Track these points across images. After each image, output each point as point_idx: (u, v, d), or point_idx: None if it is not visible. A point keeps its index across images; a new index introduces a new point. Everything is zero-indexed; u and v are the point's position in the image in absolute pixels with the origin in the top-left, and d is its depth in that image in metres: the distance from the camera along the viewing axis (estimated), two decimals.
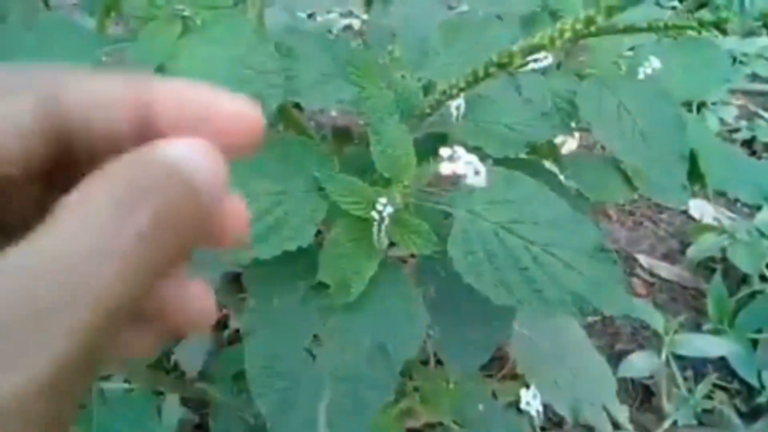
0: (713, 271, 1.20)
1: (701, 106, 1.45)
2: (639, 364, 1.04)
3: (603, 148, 1.11)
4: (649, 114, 0.59)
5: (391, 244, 0.49)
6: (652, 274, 1.24)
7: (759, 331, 1.09)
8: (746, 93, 1.53)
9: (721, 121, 1.41)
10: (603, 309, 0.48)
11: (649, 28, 0.53)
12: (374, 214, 0.46)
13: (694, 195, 1.40)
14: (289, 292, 0.50)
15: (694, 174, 0.59)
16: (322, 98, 0.55)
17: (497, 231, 0.49)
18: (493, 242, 0.49)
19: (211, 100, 0.18)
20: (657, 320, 1.05)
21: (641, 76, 0.65)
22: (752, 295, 1.15)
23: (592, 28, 0.42)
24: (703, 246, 1.19)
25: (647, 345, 1.11)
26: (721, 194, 1.35)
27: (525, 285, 0.48)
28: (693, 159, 0.59)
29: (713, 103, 1.45)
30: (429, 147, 0.51)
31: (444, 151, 0.43)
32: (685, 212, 1.33)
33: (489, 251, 0.49)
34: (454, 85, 0.50)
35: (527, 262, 0.49)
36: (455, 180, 0.42)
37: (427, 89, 0.58)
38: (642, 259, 1.25)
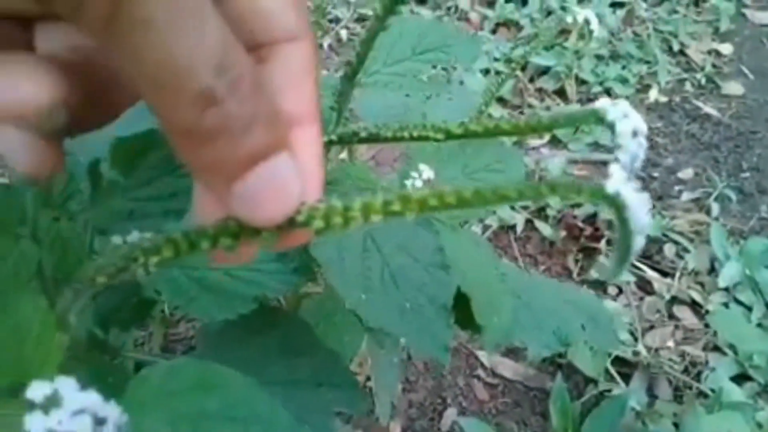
0: (560, 366, 1.08)
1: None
2: None
3: None
4: (405, 248, 0.44)
5: None
6: (494, 374, 1.10)
7: None
8: (588, 163, 1.46)
9: None
10: None
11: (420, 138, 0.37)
12: None
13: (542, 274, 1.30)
14: None
15: (469, 321, 0.44)
16: None
17: None
18: None
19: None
20: None
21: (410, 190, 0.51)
22: (600, 395, 1.03)
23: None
24: None
25: None
26: (566, 277, 1.25)
27: None
28: (466, 302, 0.44)
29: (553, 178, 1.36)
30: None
31: (32, 391, 0.22)
32: None
33: None
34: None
35: None
36: None
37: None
38: (483, 357, 1.11)
